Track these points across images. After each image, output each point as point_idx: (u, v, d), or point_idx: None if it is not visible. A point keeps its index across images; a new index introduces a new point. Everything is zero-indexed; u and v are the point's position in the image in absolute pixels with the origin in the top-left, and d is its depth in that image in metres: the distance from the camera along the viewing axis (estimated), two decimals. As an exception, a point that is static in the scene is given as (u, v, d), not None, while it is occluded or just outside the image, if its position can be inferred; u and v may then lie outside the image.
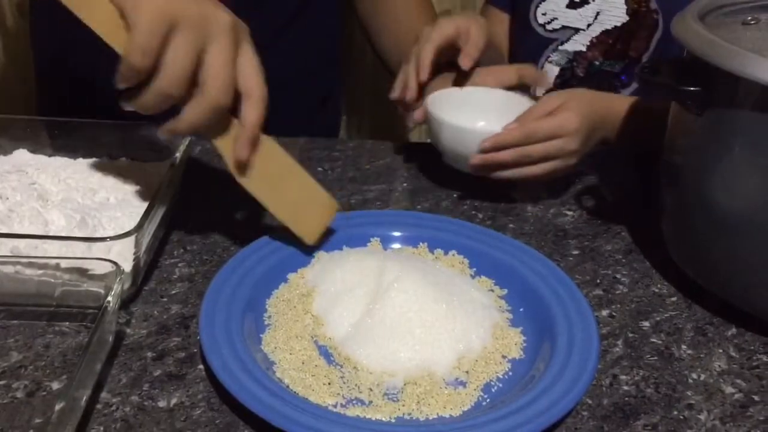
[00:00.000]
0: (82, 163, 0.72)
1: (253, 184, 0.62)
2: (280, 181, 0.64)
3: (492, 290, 0.65)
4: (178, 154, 0.69)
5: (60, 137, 0.74)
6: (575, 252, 0.71)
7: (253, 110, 0.59)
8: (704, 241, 0.63)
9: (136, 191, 0.69)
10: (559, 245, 0.72)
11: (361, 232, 0.69)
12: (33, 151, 0.74)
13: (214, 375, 0.52)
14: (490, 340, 0.58)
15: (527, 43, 0.99)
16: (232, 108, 0.59)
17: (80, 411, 0.49)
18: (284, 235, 0.66)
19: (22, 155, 0.73)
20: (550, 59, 0.98)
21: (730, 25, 0.63)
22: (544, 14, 0.96)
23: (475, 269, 0.67)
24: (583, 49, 0.95)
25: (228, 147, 0.60)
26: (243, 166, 0.61)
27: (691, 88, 0.59)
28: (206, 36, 0.55)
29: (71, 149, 0.74)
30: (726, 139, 0.59)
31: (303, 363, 0.55)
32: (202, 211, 0.74)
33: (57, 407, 0.45)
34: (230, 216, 0.73)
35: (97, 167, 0.72)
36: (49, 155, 0.74)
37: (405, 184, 0.82)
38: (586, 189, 0.82)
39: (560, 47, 0.96)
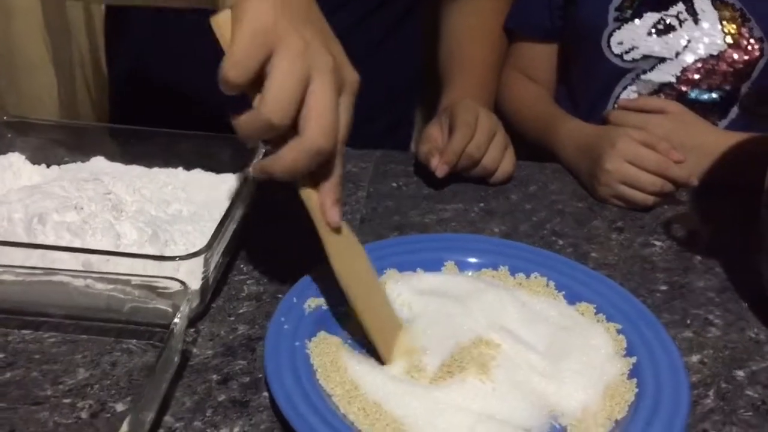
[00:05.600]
0: (157, 173, 0.72)
1: (341, 265, 0.56)
2: (366, 280, 0.58)
3: (599, 321, 0.59)
4: (251, 168, 0.68)
5: (136, 146, 0.73)
6: (663, 288, 0.67)
7: (340, 164, 0.55)
8: (810, 285, 0.58)
9: (209, 204, 0.68)
10: (645, 279, 0.68)
11: (436, 256, 0.66)
12: (109, 158, 0.74)
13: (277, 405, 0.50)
14: (599, 401, 0.52)
15: (599, 73, 0.92)
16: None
17: (143, 436, 0.48)
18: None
19: (98, 162, 0.74)
20: (631, 89, 0.90)
21: None
22: (620, 43, 0.88)
23: (564, 292, 0.62)
24: (673, 80, 0.87)
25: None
26: (334, 231, 0.55)
27: (804, 121, 0.54)
28: (310, 69, 0.50)
29: (147, 158, 0.73)
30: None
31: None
32: (273, 228, 0.72)
33: (122, 431, 0.44)
34: (300, 234, 0.72)
35: (172, 178, 0.71)
36: (126, 164, 0.73)
37: (482, 204, 0.79)
38: (676, 217, 0.77)
39: (642, 76, 0.89)
